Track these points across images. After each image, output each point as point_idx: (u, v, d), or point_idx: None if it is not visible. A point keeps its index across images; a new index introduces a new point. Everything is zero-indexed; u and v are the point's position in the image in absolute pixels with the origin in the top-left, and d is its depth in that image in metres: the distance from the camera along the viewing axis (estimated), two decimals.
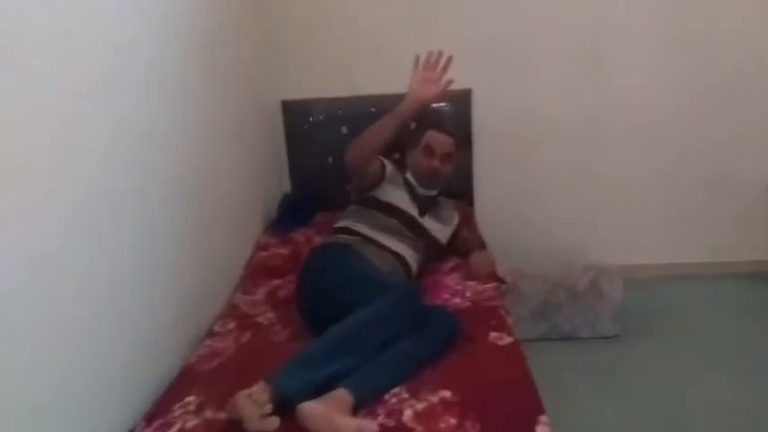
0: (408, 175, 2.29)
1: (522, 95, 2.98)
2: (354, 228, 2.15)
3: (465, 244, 2.42)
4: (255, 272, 2.40)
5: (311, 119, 3.00)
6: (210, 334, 1.91)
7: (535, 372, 2.42)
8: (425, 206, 2.27)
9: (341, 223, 2.23)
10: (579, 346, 2.59)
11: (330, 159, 2.96)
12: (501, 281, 2.23)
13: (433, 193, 2.31)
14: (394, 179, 2.24)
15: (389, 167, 2.26)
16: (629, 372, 2.43)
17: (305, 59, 2.98)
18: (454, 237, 2.41)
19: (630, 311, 2.67)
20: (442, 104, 2.89)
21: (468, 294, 2.10)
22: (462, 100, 2.94)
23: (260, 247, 2.61)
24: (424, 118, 2.33)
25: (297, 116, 3.02)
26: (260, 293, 2.22)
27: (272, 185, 3.01)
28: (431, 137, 2.25)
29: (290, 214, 2.82)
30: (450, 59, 1.92)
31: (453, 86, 2.82)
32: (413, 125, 2.37)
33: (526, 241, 3.07)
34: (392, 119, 1.96)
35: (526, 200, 3.12)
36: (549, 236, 3.10)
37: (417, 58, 1.95)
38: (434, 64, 1.93)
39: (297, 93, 2.98)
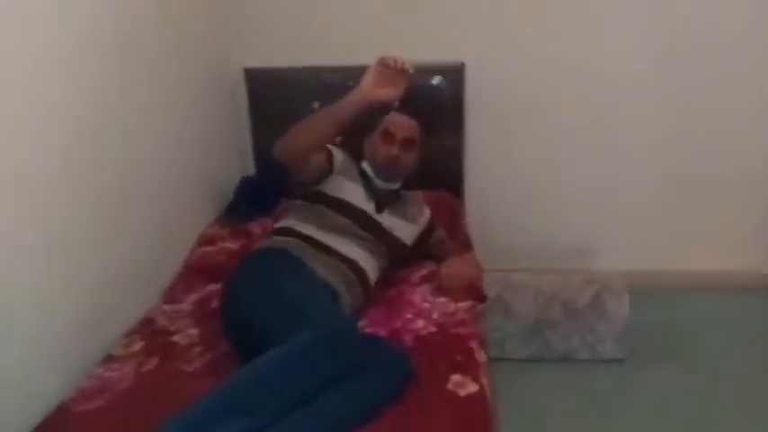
0: (365, 165, 1.92)
1: (524, 73, 2.51)
2: (297, 228, 1.77)
3: (439, 246, 2.03)
4: (191, 273, 2.03)
5: (279, 90, 2.59)
6: (106, 359, 1.55)
7: (522, 395, 2.11)
8: (384, 201, 1.88)
9: (281, 223, 1.85)
10: (576, 369, 2.20)
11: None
12: (480, 298, 1.83)
13: (394, 186, 1.93)
14: (346, 171, 1.86)
15: (339, 157, 1.87)
16: (633, 402, 2.06)
17: (273, 21, 2.55)
18: (424, 237, 2.01)
19: (637, 329, 2.27)
20: (436, 79, 2.48)
21: (435, 316, 1.71)
22: (454, 75, 2.50)
23: (205, 240, 2.23)
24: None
25: (262, 86, 2.61)
26: (188, 302, 1.85)
27: (231, 167, 2.62)
28: (391, 119, 1.88)
29: (249, 200, 2.44)
30: (408, 72, 1.57)
31: (445, 59, 2.48)
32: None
33: (520, 242, 2.67)
34: (333, 114, 1.60)
35: (523, 193, 2.69)
36: (547, 236, 2.69)
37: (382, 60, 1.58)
38: (395, 66, 1.57)
39: (263, 59, 2.56)
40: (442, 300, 1.78)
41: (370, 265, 1.77)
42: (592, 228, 2.70)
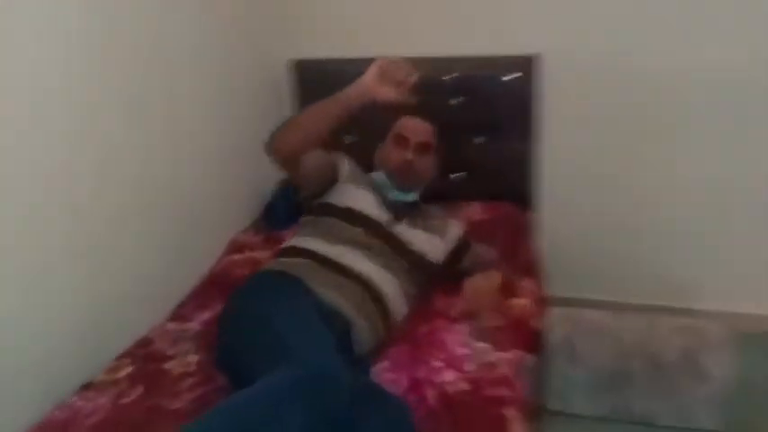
0: (375, 175, 1.76)
1: (611, 67, 2.08)
2: (304, 245, 1.56)
3: (478, 268, 1.69)
4: (210, 285, 1.84)
5: (328, 83, 2.33)
6: (85, 386, 1.37)
7: None
8: (400, 212, 1.66)
9: (289, 242, 1.65)
10: None
11: (348, 137, 2.30)
12: (532, 345, 1.48)
13: (410, 198, 1.73)
14: (355, 179, 1.69)
15: (346, 165, 1.71)
16: None
17: (324, 9, 2.31)
18: (457, 254, 1.72)
19: (741, 390, 1.78)
20: (512, 76, 2.11)
21: (469, 367, 1.38)
22: (525, 69, 2.12)
23: (234, 247, 2.03)
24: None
25: (310, 80, 2.38)
26: (197, 321, 1.65)
27: (273, 166, 2.41)
28: (404, 123, 1.74)
29: (287, 204, 2.20)
30: (411, 82, 1.45)
31: (516, 52, 2.11)
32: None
33: (598, 268, 2.25)
34: (334, 105, 1.47)
35: (605, 209, 2.25)
36: (632, 263, 2.24)
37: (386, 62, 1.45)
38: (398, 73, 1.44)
39: (311, 50, 2.32)
40: (482, 345, 1.45)
41: (391, 287, 1.52)
42: (688, 257, 2.21)
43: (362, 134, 2.06)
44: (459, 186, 2.24)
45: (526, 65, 2.10)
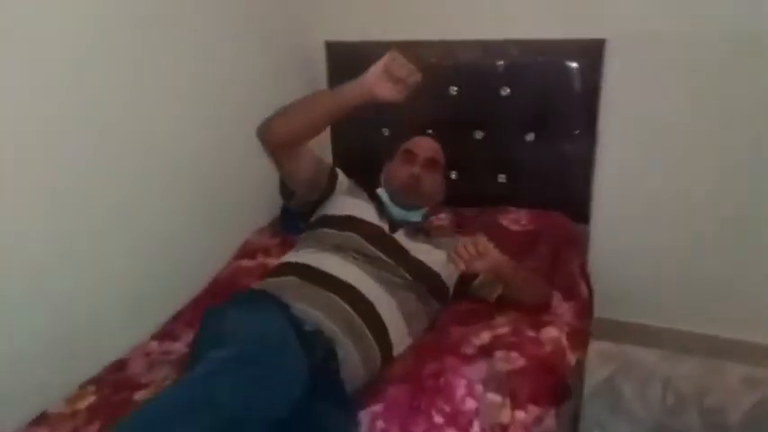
0: (379, 191, 1.68)
1: (691, 58, 1.75)
2: (291, 260, 1.45)
3: (494, 288, 1.50)
4: (212, 295, 1.68)
5: (364, 67, 2.10)
6: (38, 419, 1.22)
7: None
8: (399, 224, 1.58)
9: (280, 260, 1.53)
10: None
11: (386, 131, 2.14)
12: (555, 394, 1.23)
13: (413, 218, 1.64)
14: (353, 192, 1.64)
15: (345, 180, 1.66)
16: None
17: None
18: (468, 276, 1.49)
19: None
20: (573, 65, 1.84)
21: (476, 428, 1.14)
22: (589, 57, 1.84)
23: (246, 251, 1.87)
24: None
25: (345, 64, 2.14)
26: (185, 340, 1.50)
27: None
28: (412, 140, 1.70)
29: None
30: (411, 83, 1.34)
31: (580, 36, 1.81)
32: None
33: (650, 288, 1.93)
34: (330, 100, 1.42)
35: (664, 220, 1.93)
36: (694, 285, 1.90)
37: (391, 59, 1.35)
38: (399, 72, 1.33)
39: (347, 32, 2.13)
40: (495, 398, 1.21)
41: (387, 304, 1.36)
42: (761, 279, 1.85)
43: (398, 128, 1.90)
44: (504, 189, 2.02)
45: (593, 51, 1.81)
